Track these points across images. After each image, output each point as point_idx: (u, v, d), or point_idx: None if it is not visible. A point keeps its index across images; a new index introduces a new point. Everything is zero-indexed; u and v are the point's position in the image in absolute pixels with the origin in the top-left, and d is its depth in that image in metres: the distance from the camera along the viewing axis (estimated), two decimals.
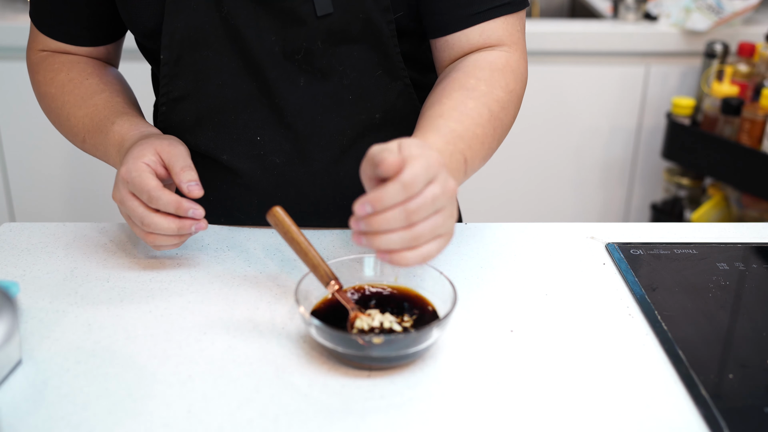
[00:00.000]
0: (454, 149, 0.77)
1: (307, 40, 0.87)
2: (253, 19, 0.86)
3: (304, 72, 0.89)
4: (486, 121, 0.82)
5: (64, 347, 0.72)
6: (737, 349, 0.75)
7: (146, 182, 0.77)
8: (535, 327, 0.77)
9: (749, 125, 1.82)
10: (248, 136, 0.92)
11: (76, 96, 0.92)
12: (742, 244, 0.94)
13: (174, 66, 0.89)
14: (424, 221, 0.65)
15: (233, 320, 0.76)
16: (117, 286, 0.82)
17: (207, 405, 0.65)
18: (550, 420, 0.64)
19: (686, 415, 0.65)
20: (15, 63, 1.88)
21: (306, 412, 0.64)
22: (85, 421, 0.63)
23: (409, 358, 0.69)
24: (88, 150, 0.93)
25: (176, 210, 0.77)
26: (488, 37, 0.88)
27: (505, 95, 0.85)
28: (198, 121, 0.92)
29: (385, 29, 0.88)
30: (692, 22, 1.97)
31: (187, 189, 0.80)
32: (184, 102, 0.91)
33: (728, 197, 2.01)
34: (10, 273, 0.84)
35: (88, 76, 0.93)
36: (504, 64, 0.87)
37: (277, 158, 0.93)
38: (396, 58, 0.90)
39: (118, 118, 0.88)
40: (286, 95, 0.89)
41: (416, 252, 0.65)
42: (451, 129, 0.78)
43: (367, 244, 0.65)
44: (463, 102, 0.82)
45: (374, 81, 0.91)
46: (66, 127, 0.93)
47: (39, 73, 0.95)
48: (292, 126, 0.91)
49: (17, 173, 2.00)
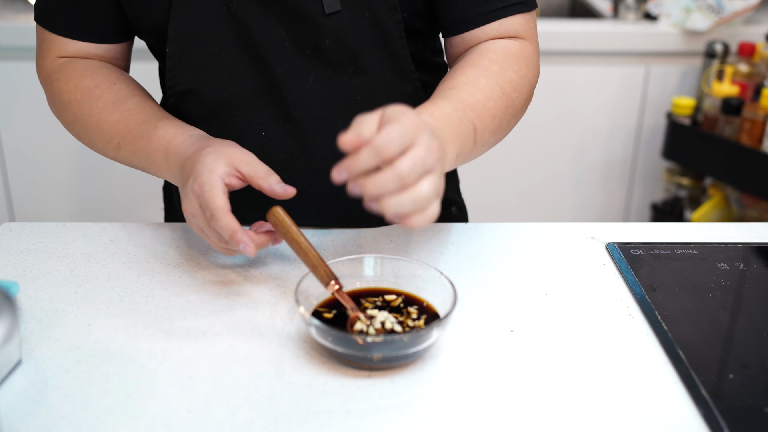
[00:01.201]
0: (463, 116, 0.78)
1: (316, 38, 0.87)
2: (262, 15, 0.85)
3: (314, 68, 0.88)
4: (497, 97, 0.84)
5: (64, 347, 0.72)
6: (737, 349, 0.75)
7: (212, 200, 0.75)
8: (535, 327, 0.77)
9: (749, 125, 1.82)
10: (253, 132, 0.92)
11: (105, 101, 0.88)
12: (743, 244, 0.94)
13: (179, 60, 0.89)
14: (416, 184, 0.64)
15: (233, 320, 0.76)
16: (117, 286, 0.82)
17: (207, 405, 0.65)
18: (550, 420, 0.64)
19: (686, 415, 0.65)
20: (15, 63, 1.88)
21: (306, 412, 0.64)
22: (85, 421, 0.63)
23: (409, 358, 0.69)
24: (123, 157, 0.89)
25: (229, 239, 0.75)
26: (505, 32, 0.90)
27: (517, 78, 0.87)
28: (203, 116, 0.92)
29: (392, 29, 0.88)
30: (692, 22, 1.97)
31: (283, 189, 0.78)
32: (190, 96, 0.91)
33: (728, 197, 2.01)
34: (9, 273, 0.84)
35: (114, 81, 0.90)
36: (518, 51, 0.89)
37: (281, 154, 0.92)
38: (405, 60, 0.91)
39: (160, 122, 0.85)
40: (293, 91, 0.89)
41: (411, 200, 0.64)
42: (462, 99, 0.80)
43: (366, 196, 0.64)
44: (476, 78, 0.84)
45: (384, 82, 0.91)
46: (96, 135, 0.89)
47: (59, 80, 0.91)
48: (299, 122, 0.91)
49: (17, 173, 2.00)
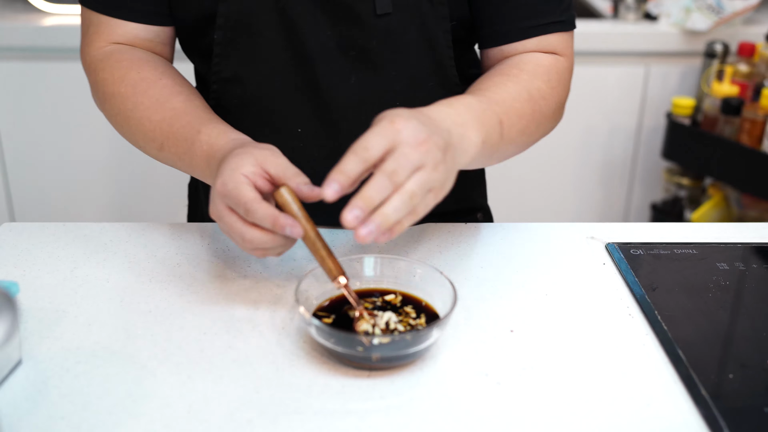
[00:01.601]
0: (487, 108, 0.77)
1: (362, 38, 0.87)
2: (310, 11, 0.86)
3: (357, 70, 0.89)
4: (524, 100, 0.83)
5: (64, 347, 0.72)
6: (737, 349, 0.75)
7: (243, 194, 0.70)
8: (535, 327, 0.77)
9: (749, 125, 1.82)
10: (289, 127, 0.92)
11: (150, 98, 0.86)
12: (742, 244, 0.94)
13: (226, 46, 0.89)
14: (408, 180, 0.65)
15: (233, 320, 0.76)
16: (117, 286, 0.82)
17: (207, 405, 0.65)
18: (550, 420, 0.64)
19: (686, 415, 0.65)
20: (15, 63, 1.88)
21: (306, 412, 0.64)
22: (85, 421, 0.63)
23: (409, 358, 0.69)
24: (166, 158, 0.86)
25: (272, 225, 0.70)
26: (543, 47, 0.90)
27: (546, 87, 0.87)
28: (243, 105, 0.92)
29: (440, 38, 0.89)
30: (692, 22, 1.97)
31: (310, 191, 0.72)
32: (233, 84, 0.91)
33: (728, 197, 2.01)
34: (10, 273, 0.84)
35: (161, 75, 0.88)
36: (550, 65, 0.89)
37: (315, 152, 0.93)
38: (450, 71, 0.91)
39: (204, 126, 0.82)
40: (334, 91, 0.89)
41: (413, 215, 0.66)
42: (487, 96, 0.80)
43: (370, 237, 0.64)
44: (504, 83, 0.84)
45: (426, 91, 0.91)
46: (138, 132, 0.87)
47: (104, 71, 0.89)
48: (336, 122, 0.91)
49: (17, 173, 2.00)
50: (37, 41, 1.86)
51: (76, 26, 1.85)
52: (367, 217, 0.64)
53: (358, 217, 0.64)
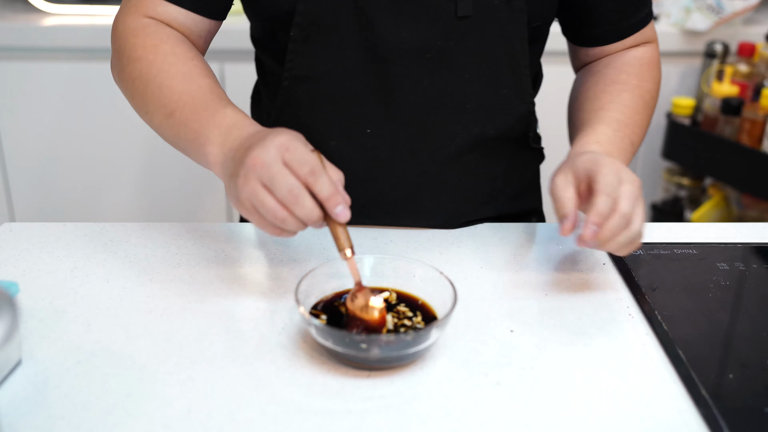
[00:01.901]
0: (622, 135, 0.89)
1: (440, 40, 0.87)
2: (389, 11, 0.86)
3: (431, 72, 0.89)
4: (642, 109, 0.93)
5: (64, 347, 0.72)
6: (737, 349, 0.75)
7: (312, 157, 0.70)
8: (535, 327, 0.76)
9: (749, 125, 1.82)
10: (359, 127, 0.92)
11: (177, 70, 0.84)
12: (742, 244, 0.94)
13: (302, 44, 0.89)
14: (632, 220, 0.76)
15: (233, 320, 0.76)
16: (117, 286, 0.82)
17: (207, 405, 0.65)
18: (550, 420, 0.64)
19: (686, 416, 0.65)
20: (15, 63, 1.88)
21: (306, 412, 0.64)
22: (85, 421, 0.63)
23: (409, 358, 0.69)
24: (170, 125, 0.83)
25: (329, 198, 0.69)
26: (640, 38, 0.98)
27: (653, 86, 0.97)
28: (313, 103, 0.92)
29: (517, 43, 0.90)
30: (692, 21, 1.97)
31: (335, 204, 0.71)
32: (306, 81, 0.91)
33: (728, 197, 2.00)
34: (9, 273, 0.84)
35: (193, 57, 0.87)
36: (650, 60, 0.98)
37: (382, 153, 0.93)
38: (524, 80, 0.93)
39: (230, 105, 0.82)
40: (406, 93, 0.90)
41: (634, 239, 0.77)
42: (616, 119, 0.90)
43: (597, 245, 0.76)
44: (620, 95, 0.93)
45: (499, 98, 0.92)
46: (152, 97, 0.85)
47: (137, 37, 0.88)
48: (406, 124, 0.92)
49: (17, 173, 2.00)
50: (37, 41, 1.86)
51: (76, 26, 1.85)
52: None
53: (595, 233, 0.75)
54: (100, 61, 1.87)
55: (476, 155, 0.95)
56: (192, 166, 1.99)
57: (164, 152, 1.96)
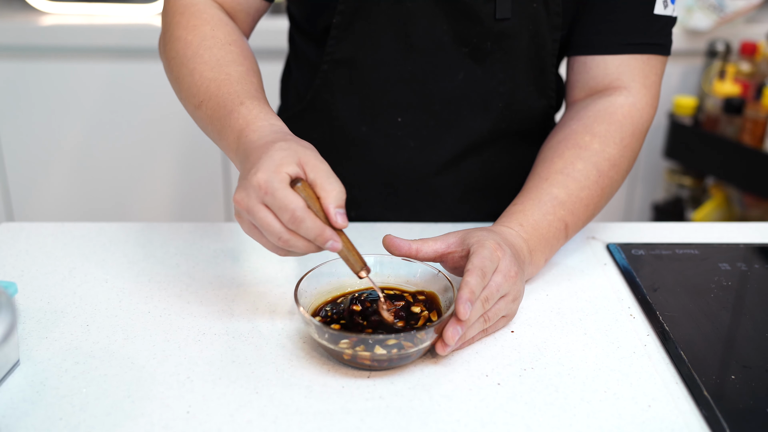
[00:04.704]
0: (553, 219, 0.83)
1: (478, 38, 0.90)
2: (431, 7, 0.88)
3: (466, 67, 0.92)
4: (593, 183, 0.86)
5: (62, 348, 0.72)
6: (739, 349, 0.75)
7: (291, 201, 0.66)
8: (535, 327, 0.76)
9: (751, 125, 1.82)
10: (390, 115, 0.95)
11: (212, 56, 0.84)
12: (744, 245, 0.93)
13: (344, 30, 0.91)
14: (492, 307, 0.73)
15: (233, 320, 0.76)
16: (116, 286, 0.82)
17: (206, 406, 0.64)
18: (551, 420, 0.64)
19: (688, 416, 0.65)
20: (15, 63, 1.88)
21: (306, 413, 0.64)
22: (84, 422, 0.62)
23: (409, 358, 0.69)
24: (199, 118, 0.83)
25: (315, 238, 0.67)
26: (623, 73, 0.90)
27: (617, 152, 0.88)
28: (349, 89, 0.94)
29: (549, 46, 0.93)
30: (694, 21, 1.97)
31: (334, 215, 0.68)
32: (344, 66, 0.93)
33: (730, 197, 2.00)
34: (8, 273, 0.84)
35: (232, 42, 0.86)
36: (625, 115, 0.89)
37: (410, 142, 0.96)
38: (550, 78, 0.95)
39: (248, 100, 0.79)
40: (441, 84, 0.92)
41: None
42: (554, 196, 0.84)
43: None
44: (572, 163, 0.86)
45: (525, 94, 0.95)
46: (185, 83, 0.85)
47: (183, 15, 0.88)
48: (436, 114, 0.94)
49: (16, 173, 1.99)
50: (37, 41, 1.86)
51: (75, 26, 1.85)
52: None
53: (455, 338, 0.69)
54: (98, 60, 1.86)
55: (497, 149, 0.98)
56: (191, 166, 1.99)
57: (163, 152, 1.96)
